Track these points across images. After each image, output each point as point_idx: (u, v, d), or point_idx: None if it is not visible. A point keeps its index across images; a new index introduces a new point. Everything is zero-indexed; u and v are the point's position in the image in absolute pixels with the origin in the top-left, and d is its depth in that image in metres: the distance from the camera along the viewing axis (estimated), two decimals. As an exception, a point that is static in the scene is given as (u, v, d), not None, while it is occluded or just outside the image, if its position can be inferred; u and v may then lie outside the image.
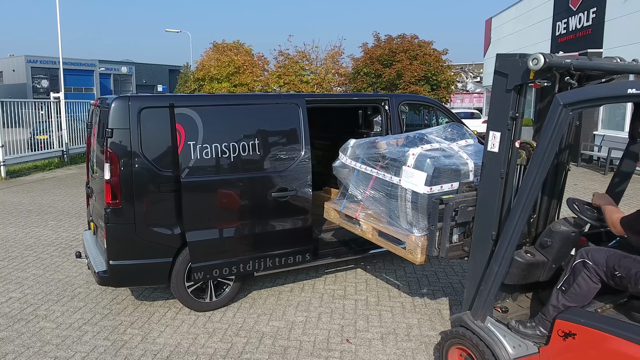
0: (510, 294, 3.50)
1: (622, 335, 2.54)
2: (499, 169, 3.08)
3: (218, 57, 25.51)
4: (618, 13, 13.88)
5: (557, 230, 3.20)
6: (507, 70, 2.99)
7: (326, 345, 3.95)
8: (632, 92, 2.43)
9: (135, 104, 4.18)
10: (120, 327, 4.28)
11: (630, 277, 2.66)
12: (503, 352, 2.99)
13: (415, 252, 3.66)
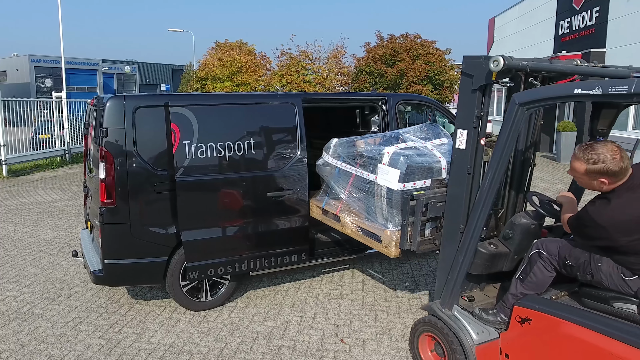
0: (478, 284, 3.64)
1: (572, 319, 2.70)
2: (466, 165, 3.23)
3: (220, 57, 25.52)
4: (621, 12, 13.78)
5: (517, 223, 3.36)
6: (472, 72, 3.16)
7: (320, 345, 3.95)
8: (578, 92, 2.58)
9: (130, 103, 4.18)
10: (116, 326, 4.28)
11: (579, 265, 2.83)
12: (467, 338, 3.16)
13: (390, 246, 3.85)
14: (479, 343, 3.14)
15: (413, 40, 20.68)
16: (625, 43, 13.45)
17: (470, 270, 3.30)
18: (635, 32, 12.98)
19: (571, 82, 2.89)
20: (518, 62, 2.96)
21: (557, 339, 2.75)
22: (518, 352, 2.99)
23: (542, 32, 18.75)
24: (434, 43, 20.99)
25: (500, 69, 2.94)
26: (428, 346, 3.55)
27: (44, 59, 40.39)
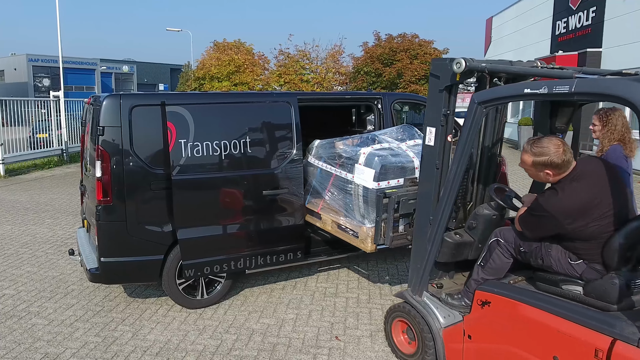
0: (447, 272, 3.85)
1: (526, 301, 2.89)
2: (435, 161, 3.41)
3: (219, 56, 25.56)
4: (617, 12, 13.84)
5: (480, 214, 3.60)
6: (439, 73, 3.34)
7: (315, 343, 3.97)
8: (527, 92, 2.76)
9: (127, 101, 4.20)
10: (112, 323, 4.30)
11: (532, 252, 3.04)
12: (435, 322, 3.38)
13: (366, 242, 4.09)
14: (445, 326, 3.36)
15: (411, 40, 20.75)
16: (621, 43, 13.51)
17: (438, 259, 3.50)
18: (631, 32, 13.04)
19: (521, 82, 3.07)
20: (478, 63, 3.15)
21: (513, 320, 2.94)
22: (479, 333, 3.18)
23: (539, 32, 18.82)
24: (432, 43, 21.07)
25: (462, 70, 3.13)
26: (400, 331, 3.76)
27: (42, 59, 40.30)
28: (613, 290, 2.60)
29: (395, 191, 3.94)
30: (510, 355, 2.95)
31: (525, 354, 2.85)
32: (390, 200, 3.85)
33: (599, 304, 2.65)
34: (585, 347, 2.53)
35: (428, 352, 3.43)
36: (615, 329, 2.45)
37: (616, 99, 2.45)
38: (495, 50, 23.98)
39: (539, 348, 2.77)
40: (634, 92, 2.28)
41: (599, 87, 2.50)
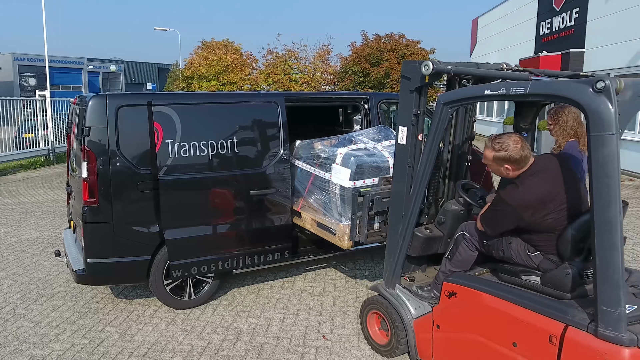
0: (419, 266, 4.01)
1: (488, 291, 3.04)
2: (406, 159, 3.55)
3: (207, 56, 25.44)
4: (600, 13, 14.04)
5: (448, 209, 3.78)
6: (409, 75, 3.48)
7: (302, 342, 4.00)
8: (488, 93, 2.93)
9: (113, 102, 4.19)
10: (99, 325, 4.28)
11: (494, 244, 3.20)
12: (407, 313, 3.54)
13: (343, 239, 4.25)
14: (416, 317, 3.52)
15: (398, 40, 20.85)
16: (604, 44, 13.71)
17: (409, 253, 3.66)
18: (613, 32, 13.24)
19: (482, 84, 3.22)
20: (444, 66, 3.29)
21: (477, 309, 3.08)
22: (447, 322, 3.32)
23: (524, 32, 19.02)
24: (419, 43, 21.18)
25: (431, 72, 3.26)
26: (375, 322, 3.88)
27: (28, 57, 39.78)
28: (567, 279, 2.74)
29: (369, 190, 4.10)
30: (474, 343, 3.08)
31: (487, 341, 2.99)
32: (364, 198, 4.01)
33: (555, 292, 2.80)
34: (541, 333, 2.67)
35: (400, 342, 3.58)
36: (568, 316, 2.60)
37: (565, 100, 2.60)
38: (481, 50, 24.18)
39: (500, 335, 2.91)
40: (580, 93, 2.44)
41: (550, 89, 2.67)
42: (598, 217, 2.41)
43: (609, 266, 2.39)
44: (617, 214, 2.35)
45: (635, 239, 6.86)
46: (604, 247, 2.41)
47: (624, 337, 2.35)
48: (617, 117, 2.35)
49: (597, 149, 2.40)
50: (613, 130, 2.36)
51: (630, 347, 2.34)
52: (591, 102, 2.41)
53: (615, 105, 2.35)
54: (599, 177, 2.39)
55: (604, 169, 2.38)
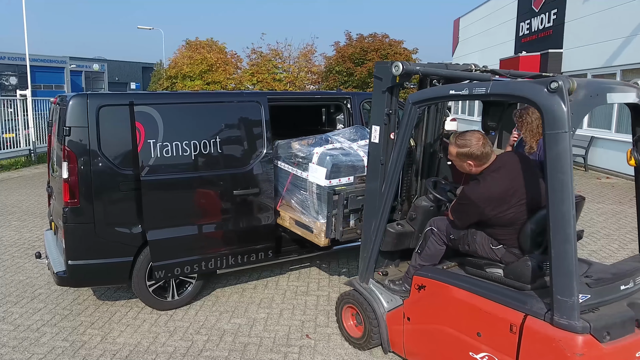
0: (393, 261, 4.11)
1: (455, 284, 3.16)
2: (379, 157, 3.64)
3: (191, 55, 25.32)
4: (577, 15, 14.30)
5: (419, 206, 3.91)
6: (381, 75, 3.58)
7: (286, 341, 4.01)
8: (452, 93, 3.05)
9: (94, 101, 4.16)
10: (80, 327, 4.25)
11: (460, 238, 3.33)
12: (380, 307, 3.65)
13: (320, 236, 4.35)
14: (388, 310, 3.63)
15: (381, 40, 21.00)
16: (581, 44, 13.98)
17: (382, 248, 3.76)
18: (590, 33, 13.51)
19: (448, 85, 3.35)
20: (413, 67, 3.41)
21: (445, 301, 3.20)
22: (417, 314, 3.44)
23: (504, 33, 19.28)
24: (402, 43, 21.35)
25: (400, 72, 3.37)
26: (350, 316, 3.98)
27: (9, 56, 39.01)
28: (527, 271, 2.86)
29: (344, 188, 4.21)
30: (442, 333, 3.20)
31: (454, 331, 3.11)
32: (339, 196, 4.11)
33: (516, 284, 2.91)
34: (503, 323, 2.79)
35: (373, 335, 3.69)
36: (527, 306, 2.72)
37: (523, 100, 2.72)
38: (463, 50, 24.43)
39: (466, 326, 3.03)
40: (536, 93, 2.56)
41: (509, 89, 2.79)
42: (553, 211, 2.51)
43: (563, 258, 2.50)
44: (571, 208, 2.46)
45: (612, 236, 7.03)
46: (558, 240, 2.51)
47: (577, 325, 2.47)
48: (569, 116, 2.45)
49: (551, 147, 2.51)
50: (566, 129, 2.46)
51: (583, 334, 2.46)
52: (545, 102, 2.51)
53: (568, 104, 2.46)
54: (554, 174, 2.50)
55: (557, 166, 2.48)
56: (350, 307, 3.95)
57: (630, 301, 2.74)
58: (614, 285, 2.73)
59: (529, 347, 2.65)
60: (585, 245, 6.49)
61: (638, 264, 2.96)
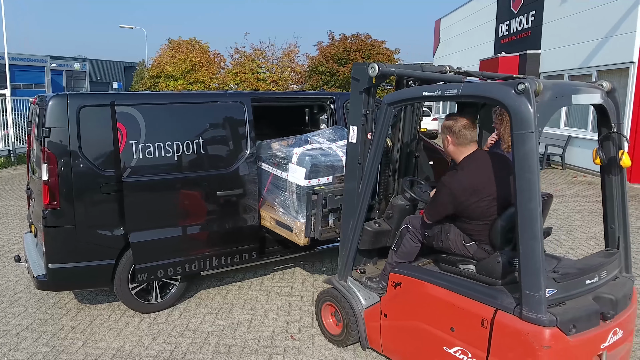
0: (371, 259, 4.22)
1: (429, 280, 3.25)
2: (357, 156, 3.71)
3: (173, 54, 25.13)
4: (555, 16, 14.56)
5: (395, 204, 4.02)
6: (358, 77, 3.66)
7: (270, 343, 4.01)
8: (425, 94, 3.16)
9: (74, 102, 4.10)
10: (61, 332, 4.19)
11: (434, 236, 3.44)
12: (358, 304, 3.73)
13: (300, 235, 4.40)
14: (366, 307, 3.70)
15: (364, 40, 21.12)
16: (558, 45, 14.25)
17: (360, 246, 3.84)
18: (567, 35, 13.78)
19: (422, 86, 3.44)
20: (389, 68, 3.49)
21: (419, 297, 3.29)
22: (393, 311, 3.51)
23: (484, 34, 19.55)
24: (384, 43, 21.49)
25: (376, 74, 3.45)
26: (329, 313, 4.05)
27: (-14, 55, 38.28)
28: (498, 267, 2.94)
29: (323, 188, 4.27)
30: (417, 329, 3.29)
31: (429, 327, 3.20)
32: (318, 196, 4.17)
33: (488, 280, 3.00)
34: (475, 318, 2.88)
35: (352, 331, 3.76)
36: (497, 301, 2.81)
37: (492, 101, 2.80)
38: (444, 50, 24.68)
39: (440, 321, 3.12)
40: (504, 94, 2.65)
41: (479, 91, 2.88)
42: (520, 209, 2.60)
43: (530, 254, 2.59)
44: (537, 206, 2.55)
45: (588, 233, 7.20)
46: (526, 237, 2.59)
47: (544, 319, 2.56)
48: (536, 116, 2.54)
49: (519, 147, 2.60)
50: (532, 129, 2.54)
51: (550, 327, 2.56)
52: (513, 103, 2.59)
53: (534, 105, 2.54)
54: (521, 173, 2.59)
55: (525, 165, 2.57)
56: (330, 305, 4.01)
57: (596, 295, 2.85)
58: (579, 280, 2.84)
59: (499, 340, 2.74)
60: (562, 243, 6.62)
61: (604, 259, 3.08)
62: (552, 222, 7.73)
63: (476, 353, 2.88)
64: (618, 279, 3.12)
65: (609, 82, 3.11)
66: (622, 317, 2.91)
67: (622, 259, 3.22)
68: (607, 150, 3.19)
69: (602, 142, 3.20)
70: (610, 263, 3.06)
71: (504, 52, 16.77)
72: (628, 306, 3.01)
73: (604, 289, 2.93)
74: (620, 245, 3.25)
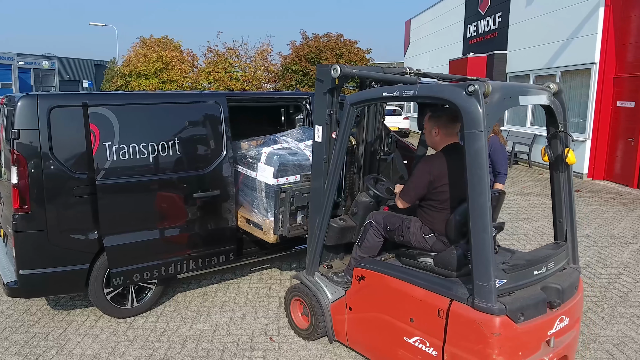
0: (338, 254, 4.33)
1: (391, 274, 3.38)
2: (323, 155, 3.82)
3: (145, 53, 24.76)
4: (520, 18, 14.97)
5: (360, 201, 4.14)
6: (322, 78, 3.78)
7: (250, 345, 3.99)
8: (385, 95, 3.29)
9: (45, 103, 3.98)
10: (34, 340, 4.08)
11: (395, 230, 3.56)
12: (324, 298, 3.85)
13: (269, 233, 4.51)
14: (332, 301, 3.82)
15: (336, 40, 21.26)
16: (524, 46, 14.67)
17: (326, 242, 3.95)
18: (532, 36, 14.21)
19: (382, 87, 3.59)
20: (350, 69, 3.63)
21: (382, 290, 3.41)
22: (357, 304, 3.63)
23: (453, 34, 19.94)
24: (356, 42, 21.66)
25: (339, 75, 3.59)
26: (298, 308, 4.15)
27: (-50, 53, 36.74)
28: (453, 259, 3.09)
29: (290, 186, 4.38)
30: (380, 321, 3.41)
31: (390, 318, 3.33)
32: (286, 194, 4.27)
33: (444, 272, 3.14)
34: (432, 308, 3.03)
35: (319, 325, 3.87)
36: (452, 291, 2.95)
37: (445, 102, 2.93)
38: (414, 50, 25.00)
39: (400, 312, 3.26)
40: (456, 95, 2.78)
41: (433, 92, 3.03)
42: (472, 204, 2.73)
43: (481, 246, 2.72)
44: (487, 201, 2.70)
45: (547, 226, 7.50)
46: (477, 230, 2.73)
47: (494, 308, 2.71)
48: (485, 116, 2.68)
49: (469, 145, 2.72)
50: (482, 128, 2.67)
51: (500, 316, 2.72)
52: (464, 103, 2.73)
53: (483, 106, 2.69)
54: (472, 169, 2.71)
55: (475, 162, 2.72)
56: (298, 300, 4.11)
57: (544, 285, 3.04)
58: (528, 271, 3.01)
59: (454, 329, 2.90)
60: (532, 239, 6.84)
61: (551, 251, 3.27)
62: (520, 219, 7.96)
63: (433, 342, 3.02)
64: (565, 269, 3.32)
65: (556, 84, 3.30)
66: (568, 305, 3.09)
67: (569, 250, 3.44)
68: (555, 148, 3.36)
69: (550, 140, 3.38)
70: (558, 255, 3.25)
71: (472, 53, 17.13)
72: (574, 295, 3.21)
73: (551, 279, 3.10)
74: (567, 238, 3.45)
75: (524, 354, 2.81)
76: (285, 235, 4.40)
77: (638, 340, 4.09)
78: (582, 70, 12.14)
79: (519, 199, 9.58)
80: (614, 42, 11.32)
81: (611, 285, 5.24)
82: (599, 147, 11.72)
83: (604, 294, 5.03)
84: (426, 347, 3.07)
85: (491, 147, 4.68)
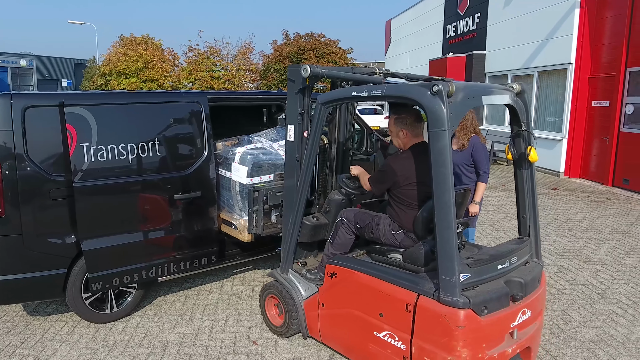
0: (311, 252, 4.40)
1: (361, 270, 3.45)
2: (295, 154, 3.88)
3: (126, 51, 24.41)
4: (498, 19, 15.20)
5: (332, 199, 4.22)
6: (293, 78, 3.83)
7: (232, 349, 3.95)
8: (354, 94, 3.36)
9: (19, 102, 3.88)
10: (9, 347, 3.97)
11: (366, 227, 3.65)
12: (298, 295, 3.91)
13: (244, 232, 4.55)
14: (305, 298, 3.88)
15: (318, 40, 21.26)
16: (502, 47, 14.91)
17: (299, 239, 4.01)
18: (509, 36, 14.44)
19: (351, 87, 3.65)
20: (319, 70, 3.69)
21: (352, 286, 3.48)
22: (329, 300, 3.70)
23: (433, 34, 20.12)
24: (337, 42, 21.69)
25: (309, 75, 3.65)
26: (272, 305, 4.20)
27: None
28: (421, 255, 3.17)
29: (263, 185, 4.42)
30: (351, 316, 3.48)
31: (361, 314, 3.40)
32: (259, 193, 4.32)
33: (412, 267, 3.22)
34: (400, 303, 3.10)
35: (293, 322, 3.93)
36: (419, 286, 3.03)
37: (411, 101, 3.00)
38: (395, 50, 25.13)
39: (370, 308, 3.32)
40: (421, 95, 2.85)
41: (399, 91, 3.09)
42: (437, 201, 2.81)
43: (446, 242, 2.80)
44: (451, 198, 2.78)
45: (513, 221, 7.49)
46: (442, 227, 2.80)
47: (458, 301, 2.80)
48: (448, 115, 2.76)
49: (434, 143, 2.78)
50: (445, 127, 2.74)
51: (463, 309, 2.80)
52: (429, 103, 2.80)
53: (447, 105, 2.77)
54: (436, 167, 2.78)
55: (439, 160, 2.77)
56: (272, 297, 4.15)
57: (507, 279, 3.15)
58: (491, 265, 3.11)
59: (421, 323, 2.99)
60: (511, 237, 6.87)
61: (515, 246, 3.39)
62: (500, 217, 8.06)
63: (402, 336, 3.10)
64: (528, 264, 3.45)
65: (518, 85, 3.41)
66: (530, 298, 3.19)
67: (532, 245, 3.56)
68: (519, 146, 3.49)
69: (514, 139, 3.50)
70: (521, 249, 3.38)
71: (451, 53, 17.30)
72: (537, 288, 3.33)
73: (514, 273, 3.20)
74: (531, 233, 3.57)
75: (488, 346, 2.91)
76: (259, 234, 4.45)
77: (617, 337, 4.17)
78: (559, 71, 12.37)
79: (498, 198, 9.70)
80: (589, 43, 11.57)
81: (590, 283, 5.34)
82: (574, 146, 11.95)
83: (582, 291, 5.12)
84: (395, 341, 3.15)
85: (473, 147, 4.75)
